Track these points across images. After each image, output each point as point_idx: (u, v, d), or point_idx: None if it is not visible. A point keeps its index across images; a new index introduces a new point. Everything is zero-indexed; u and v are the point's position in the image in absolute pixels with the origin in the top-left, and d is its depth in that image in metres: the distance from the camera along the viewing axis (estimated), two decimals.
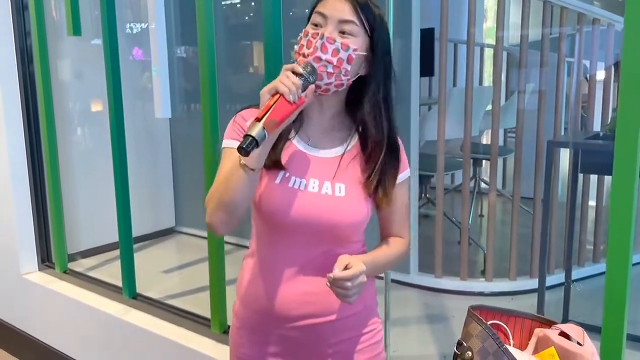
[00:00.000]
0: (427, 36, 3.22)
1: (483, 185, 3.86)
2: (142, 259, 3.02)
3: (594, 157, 2.24)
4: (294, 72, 1.03)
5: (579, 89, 2.98)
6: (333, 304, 1.15)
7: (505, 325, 1.11)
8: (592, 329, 1.22)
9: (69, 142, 3.13)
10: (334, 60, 1.08)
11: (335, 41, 1.08)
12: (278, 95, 1.01)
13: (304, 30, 1.12)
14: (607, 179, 2.74)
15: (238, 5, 3.73)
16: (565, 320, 2.41)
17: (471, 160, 3.13)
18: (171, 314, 2.31)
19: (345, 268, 1.03)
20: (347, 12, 1.09)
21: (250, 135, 0.96)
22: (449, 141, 3.12)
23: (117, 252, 2.89)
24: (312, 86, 1.07)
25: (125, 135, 2.42)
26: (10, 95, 2.75)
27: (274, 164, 1.12)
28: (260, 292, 1.18)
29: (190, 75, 3.63)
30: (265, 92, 1.02)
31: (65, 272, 2.82)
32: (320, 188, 1.13)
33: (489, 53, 4.72)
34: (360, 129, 1.18)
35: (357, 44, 1.10)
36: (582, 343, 1.04)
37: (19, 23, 2.73)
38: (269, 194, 1.12)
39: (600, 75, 2.91)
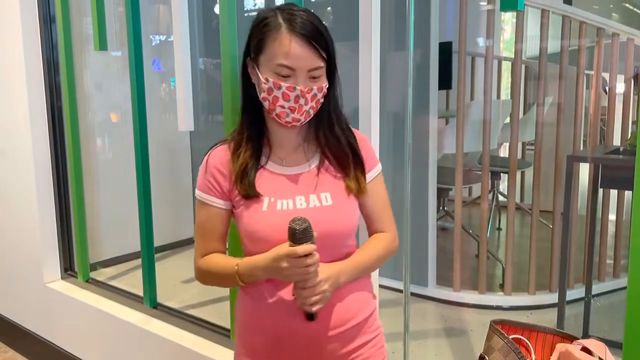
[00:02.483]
0: (445, 50, 3.24)
1: (501, 198, 3.85)
2: (162, 268, 3.04)
3: (615, 172, 2.23)
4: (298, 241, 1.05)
5: (598, 101, 2.97)
6: (339, 317, 1.17)
7: (527, 340, 1.12)
8: (613, 345, 1.22)
9: (92, 152, 3.19)
10: (314, 104, 1.14)
11: (312, 89, 1.11)
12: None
13: (267, 79, 1.10)
14: (628, 192, 2.72)
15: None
16: (585, 335, 2.39)
17: (489, 173, 3.13)
18: (191, 324, 2.33)
19: None
20: (314, 60, 1.10)
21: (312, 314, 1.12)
22: (467, 154, 3.12)
23: (137, 262, 2.94)
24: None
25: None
26: (37, 105, 2.81)
27: (250, 194, 1.16)
28: (263, 316, 1.19)
29: (210, 86, 3.68)
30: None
31: (87, 281, 2.86)
32: (307, 203, 1.15)
33: (506, 66, 4.72)
34: (322, 139, 1.21)
35: (324, 79, 1.14)
36: (604, 359, 1.05)
37: (46, 35, 2.80)
38: (260, 223, 1.15)
39: (620, 88, 2.90)
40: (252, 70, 1.17)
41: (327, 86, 1.15)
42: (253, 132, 1.20)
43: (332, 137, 1.20)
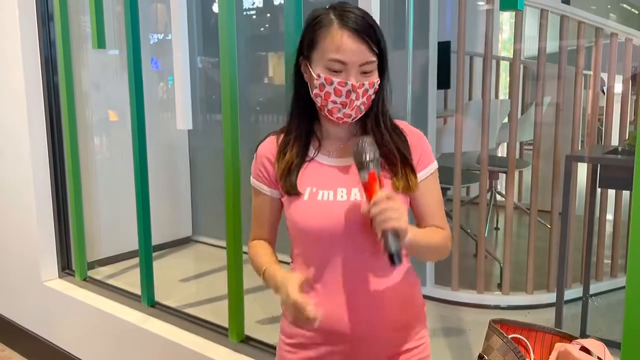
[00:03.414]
0: (444, 49, 3.24)
1: (499, 198, 3.85)
2: (160, 267, 3.04)
3: (613, 172, 2.23)
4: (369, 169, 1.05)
5: (596, 101, 2.98)
6: (385, 317, 1.17)
7: (526, 340, 1.12)
8: (610, 345, 1.22)
9: (90, 150, 3.18)
10: (365, 100, 1.13)
11: (363, 84, 1.11)
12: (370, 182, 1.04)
13: (319, 75, 1.12)
14: (626, 193, 2.72)
15: (255, 17, 3.78)
16: (583, 334, 2.39)
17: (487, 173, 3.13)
18: (189, 322, 2.33)
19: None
20: (366, 54, 1.10)
21: (391, 252, 0.99)
22: (465, 153, 3.12)
23: (134, 261, 2.94)
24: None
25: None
26: (35, 104, 2.81)
27: (291, 191, 1.17)
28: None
29: (208, 85, 3.68)
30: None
31: (85, 279, 2.86)
32: (348, 196, 1.15)
33: (504, 66, 4.72)
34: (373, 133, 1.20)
35: (376, 75, 1.14)
36: (602, 358, 1.05)
37: (44, 33, 2.80)
38: (301, 212, 1.16)
39: (618, 88, 2.90)
40: (304, 69, 1.18)
41: (379, 82, 1.15)
42: (302, 130, 1.21)
43: (378, 134, 1.18)
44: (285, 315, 1.24)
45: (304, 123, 1.21)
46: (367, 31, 1.10)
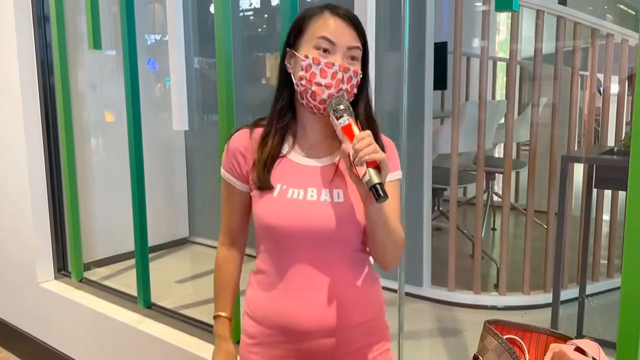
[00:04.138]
0: (440, 50, 3.24)
1: (495, 198, 3.86)
2: (156, 268, 3.04)
3: (609, 173, 2.23)
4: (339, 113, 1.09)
5: (592, 102, 2.98)
6: (347, 313, 1.17)
7: (520, 340, 1.12)
8: (606, 345, 1.22)
9: (86, 151, 3.18)
10: (349, 88, 1.14)
11: (349, 69, 1.13)
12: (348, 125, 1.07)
13: (307, 56, 1.13)
14: (622, 193, 2.73)
15: (251, 18, 3.78)
16: (579, 335, 2.39)
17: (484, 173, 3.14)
18: (185, 323, 2.33)
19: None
20: (354, 38, 1.15)
21: (376, 184, 1.01)
22: (462, 154, 3.12)
23: (130, 262, 2.93)
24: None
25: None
26: (31, 106, 2.80)
27: (263, 185, 1.17)
28: (274, 309, 1.19)
29: (205, 86, 3.68)
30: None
31: (81, 281, 2.85)
32: (318, 196, 1.15)
33: (501, 66, 4.73)
34: None
35: (359, 66, 1.17)
36: (597, 359, 1.05)
37: (40, 34, 2.79)
38: (268, 208, 1.16)
39: (614, 88, 2.91)
40: (289, 59, 1.20)
41: (362, 76, 1.17)
42: (284, 122, 1.21)
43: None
44: (247, 314, 1.26)
45: (284, 117, 1.21)
46: (356, 21, 1.16)
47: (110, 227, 3.22)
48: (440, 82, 3.32)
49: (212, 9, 3.51)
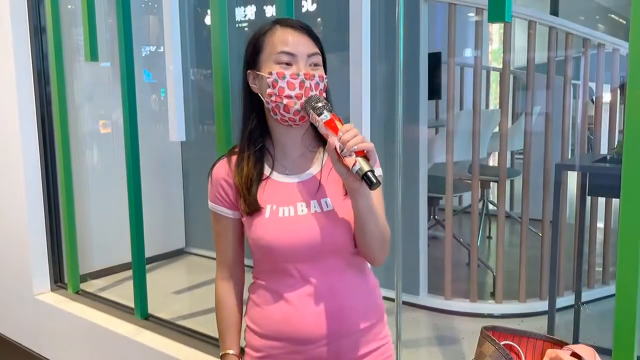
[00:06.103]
0: (434, 60, 3.27)
1: (491, 207, 3.88)
2: (153, 279, 3.03)
3: (602, 180, 2.25)
4: (317, 109, 1.11)
5: (585, 111, 3.01)
6: (349, 319, 1.19)
7: (517, 346, 1.13)
8: (602, 351, 1.23)
9: (82, 162, 3.18)
10: (317, 93, 1.16)
11: (314, 76, 1.15)
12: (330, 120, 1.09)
13: (270, 72, 1.14)
14: (615, 200, 2.75)
15: (246, 29, 3.80)
16: (575, 342, 2.40)
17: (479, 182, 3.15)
18: (183, 334, 2.32)
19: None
20: (311, 45, 1.17)
21: (368, 172, 1.03)
22: (457, 163, 3.14)
23: (126, 273, 2.93)
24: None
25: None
26: (27, 116, 2.81)
27: (252, 208, 1.18)
28: (277, 322, 1.20)
29: (201, 97, 3.69)
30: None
31: (77, 292, 2.85)
32: (308, 209, 1.18)
33: (494, 76, 4.77)
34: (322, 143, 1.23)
35: (323, 71, 1.19)
36: None
37: (37, 45, 2.80)
38: (264, 230, 1.18)
39: (607, 97, 2.94)
40: (253, 80, 1.21)
41: (327, 80, 1.20)
42: (256, 145, 1.22)
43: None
44: (251, 330, 1.26)
45: (256, 140, 1.22)
46: (308, 28, 1.18)
47: (107, 238, 3.22)
48: (434, 92, 3.34)
49: (207, 20, 3.53)
